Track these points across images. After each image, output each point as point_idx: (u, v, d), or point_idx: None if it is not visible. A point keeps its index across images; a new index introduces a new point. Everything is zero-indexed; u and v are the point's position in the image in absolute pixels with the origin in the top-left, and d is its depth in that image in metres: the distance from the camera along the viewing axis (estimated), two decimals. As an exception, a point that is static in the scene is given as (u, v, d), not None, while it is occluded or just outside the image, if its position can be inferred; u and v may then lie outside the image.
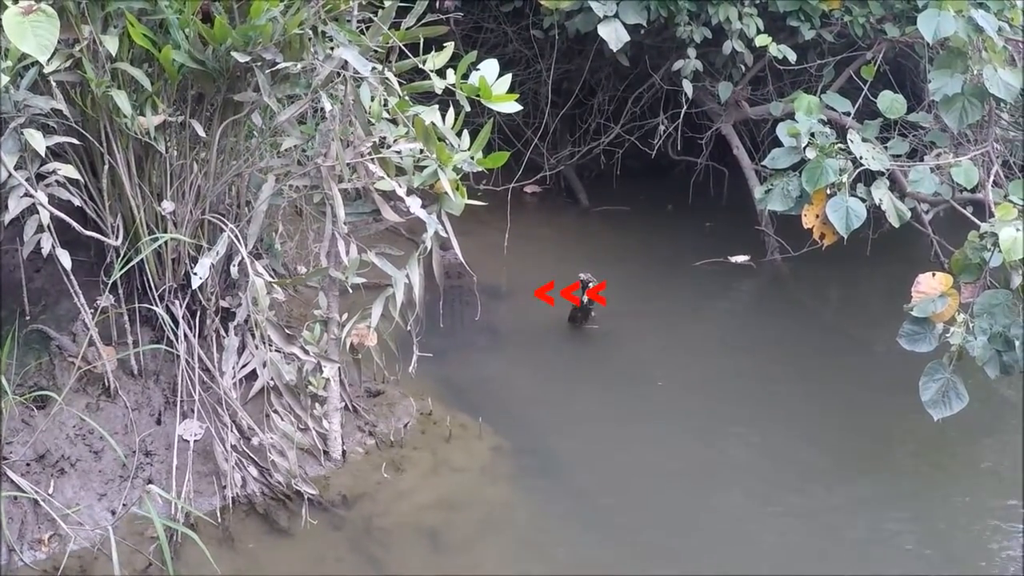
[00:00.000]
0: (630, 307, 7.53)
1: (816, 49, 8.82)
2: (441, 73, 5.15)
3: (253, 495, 5.33)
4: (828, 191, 7.01)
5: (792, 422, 6.38)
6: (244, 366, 5.60)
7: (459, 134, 5.28)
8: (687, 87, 8.37)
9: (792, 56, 8.15)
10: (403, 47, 5.23)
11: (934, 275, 6.03)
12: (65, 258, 5.09)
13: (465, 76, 5.11)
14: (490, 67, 5.10)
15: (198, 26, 4.97)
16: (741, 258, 8.47)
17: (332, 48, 5.09)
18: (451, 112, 5.29)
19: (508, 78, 5.11)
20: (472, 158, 5.21)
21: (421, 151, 5.16)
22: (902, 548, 5.43)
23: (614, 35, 7.82)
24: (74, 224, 5.11)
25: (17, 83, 4.95)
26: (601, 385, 6.72)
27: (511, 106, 5.10)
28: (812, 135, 7.10)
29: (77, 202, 5.25)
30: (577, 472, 5.85)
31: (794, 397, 6.66)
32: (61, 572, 4.86)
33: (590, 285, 6.96)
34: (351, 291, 5.49)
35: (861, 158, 7.04)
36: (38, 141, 4.89)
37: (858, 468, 6.01)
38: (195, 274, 5.15)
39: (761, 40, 8.04)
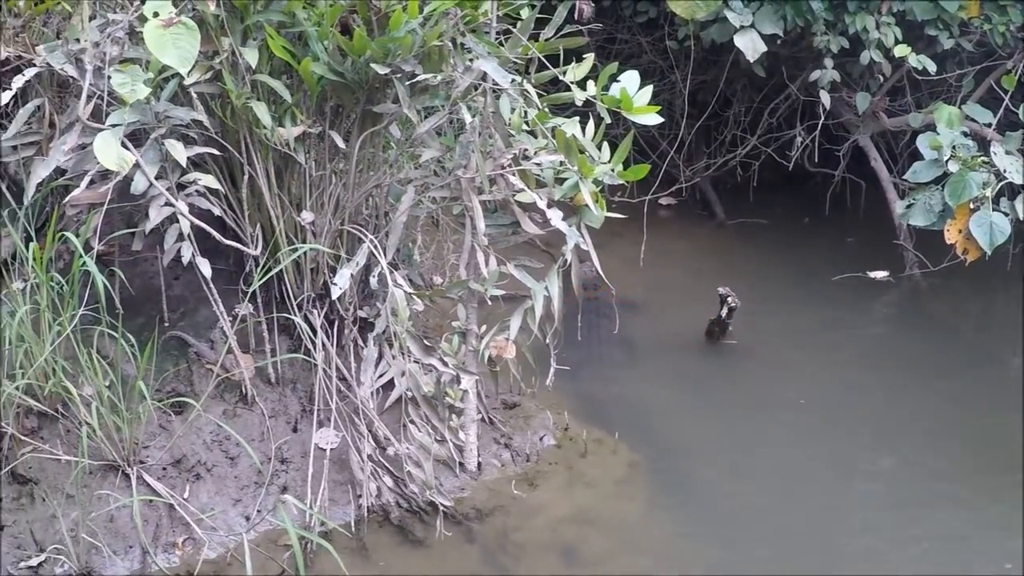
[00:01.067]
0: (768, 322, 7.43)
1: (955, 58, 8.63)
2: (581, 84, 5.12)
3: (388, 505, 5.33)
4: (971, 205, 6.86)
5: (934, 444, 6.23)
6: (381, 376, 5.60)
7: (599, 146, 5.24)
8: (824, 98, 8.25)
9: (932, 66, 7.98)
10: (542, 58, 5.20)
11: (1079, 292, 5.88)
12: (205, 267, 5.14)
13: (605, 88, 5.07)
14: (631, 78, 5.05)
15: (337, 38, 4.99)
16: (880, 273, 8.30)
17: (471, 60, 5.08)
18: (590, 124, 5.26)
19: (649, 89, 5.05)
20: (613, 170, 5.16)
21: (561, 163, 5.13)
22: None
23: (751, 45, 7.74)
24: (214, 233, 5.16)
25: (158, 95, 5.01)
26: (739, 402, 6.62)
27: (652, 118, 5.05)
28: (954, 148, 6.95)
29: (217, 212, 5.31)
30: (714, 490, 5.77)
31: (935, 418, 6.49)
32: (195, 576, 4.91)
33: (729, 300, 6.87)
34: (489, 303, 5.47)
35: (1004, 171, 6.88)
36: (179, 152, 4.95)
37: (996, 495, 5.84)
38: (335, 284, 5.17)
39: (900, 50, 7.89)
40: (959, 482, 5.89)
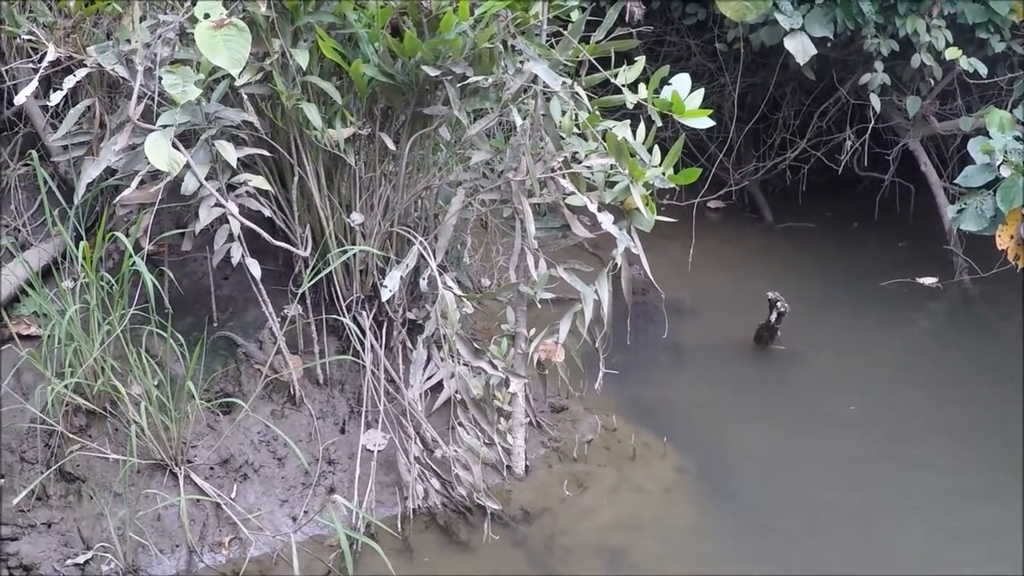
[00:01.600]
0: (816, 327, 7.38)
1: (1006, 62, 8.56)
2: (632, 87, 5.09)
3: (434, 507, 5.32)
4: (1023, 211, 6.79)
5: (985, 451, 6.16)
6: (429, 378, 5.60)
7: (650, 150, 5.21)
8: (874, 101, 8.19)
9: (983, 69, 7.91)
10: (593, 61, 5.18)
11: None
12: (255, 267, 5.15)
13: (656, 91, 5.05)
14: (682, 81, 5.03)
15: (388, 40, 4.98)
16: (929, 279, 8.23)
17: (522, 62, 5.07)
18: (640, 127, 5.23)
19: (701, 93, 5.03)
20: (663, 174, 5.13)
21: (612, 166, 5.10)
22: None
23: (801, 48, 7.70)
24: (264, 234, 5.16)
25: (208, 96, 5.02)
26: (788, 407, 6.58)
27: (704, 121, 5.03)
28: (1006, 152, 6.89)
29: (267, 213, 5.31)
30: (762, 497, 5.72)
31: (984, 424, 6.43)
32: (240, 576, 4.92)
33: (778, 304, 6.83)
34: (539, 306, 5.45)
35: (1057, 177, 6.82)
36: (229, 152, 4.96)
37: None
38: (385, 286, 5.16)
39: (951, 53, 7.84)
40: (1010, 488, 5.83)
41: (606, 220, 5.05)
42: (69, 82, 5.00)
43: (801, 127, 9.23)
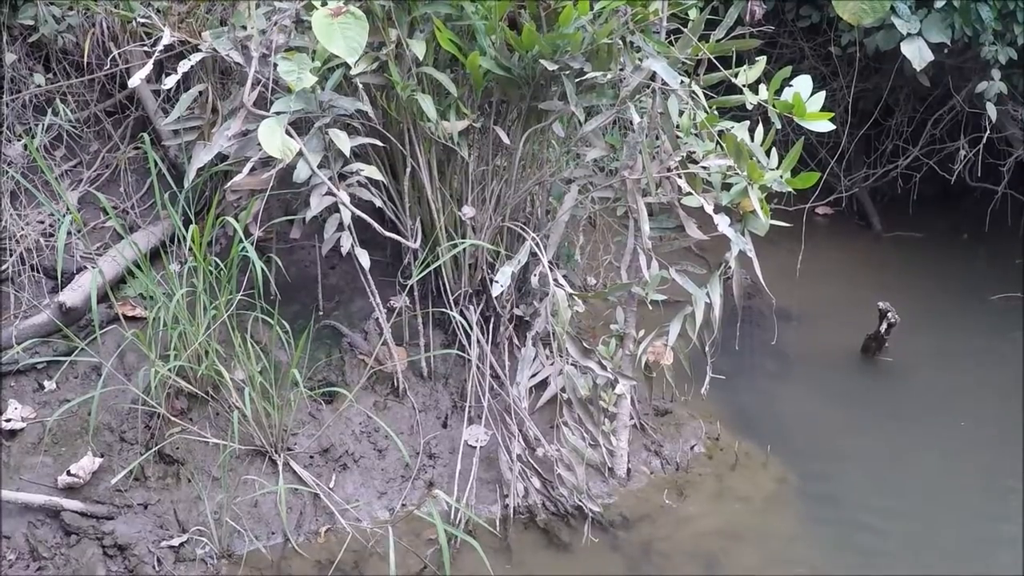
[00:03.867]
0: (924, 339, 7.24)
1: None
2: (752, 88, 5.01)
3: (534, 507, 5.28)
4: None
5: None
6: (534, 375, 5.57)
7: (767, 152, 5.13)
8: (990, 110, 8.01)
9: (1103, 79, 7.78)
10: (714, 59, 5.10)
11: None
12: (364, 258, 5.15)
13: (777, 92, 4.96)
14: (804, 83, 4.93)
15: (506, 33, 4.94)
16: (1037, 294, 8.10)
17: (640, 59, 5.00)
18: (759, 128, 5.15)
19: (822, 95, 4.93)
20: (781, 177, 5.04)
21: (729, 168, 5.02)
22: None
23: (918, 54, 7.55)
24: (374, 224, 5.15)
25: (323, 84, 5.01)
26: (895, 421, 6.44)
27: (824, 125, 4.92)
28: (1124, 166, 6.77)
29: (378, 203, 5.30)
30: (866, 511, 5.62)
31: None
32: (335, 566, 4.90)
33: (889, 315, 6.72)
34: (650, 307, 5.39)
35: None
36: (343, 141, 4.95)
37: None
38: (496, 282, 5.11)
39: (1071, 62, 7.70)
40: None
41: (722, 222, 4.97)
42: (183, 66, 5.01)
43: (913, 135, 9.07)
